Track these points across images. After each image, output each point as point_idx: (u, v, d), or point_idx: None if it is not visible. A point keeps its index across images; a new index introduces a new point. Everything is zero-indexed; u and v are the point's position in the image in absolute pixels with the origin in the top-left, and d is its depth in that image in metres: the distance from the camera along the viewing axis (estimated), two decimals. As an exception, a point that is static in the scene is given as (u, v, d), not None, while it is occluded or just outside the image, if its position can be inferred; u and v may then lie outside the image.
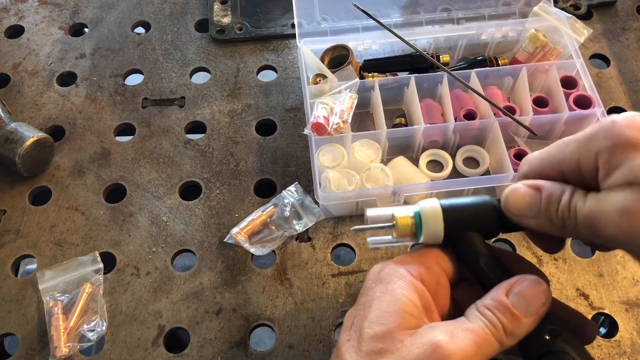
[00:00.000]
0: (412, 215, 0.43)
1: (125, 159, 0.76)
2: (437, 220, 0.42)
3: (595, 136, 0.37)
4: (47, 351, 0.61)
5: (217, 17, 0.88)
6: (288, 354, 0.61)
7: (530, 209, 0.40)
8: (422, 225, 0.42)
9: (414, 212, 0.43)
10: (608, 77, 0.81)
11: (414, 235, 0.43)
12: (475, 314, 0.39)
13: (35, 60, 0.86)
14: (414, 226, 0.42)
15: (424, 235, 0.42)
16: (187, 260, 0.69)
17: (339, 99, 0.69)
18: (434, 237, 0.42)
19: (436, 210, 0.42)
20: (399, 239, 0.43)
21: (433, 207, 0.42)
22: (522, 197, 0.40)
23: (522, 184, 0.41)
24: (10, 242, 0.69)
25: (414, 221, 0.42)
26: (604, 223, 0.35)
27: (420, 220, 0.42)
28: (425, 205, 0.42)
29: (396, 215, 0.43)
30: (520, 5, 0.79)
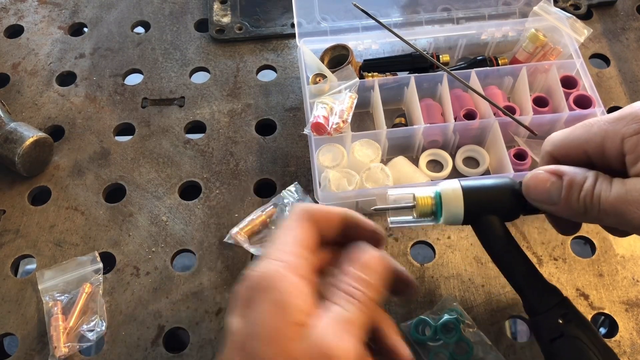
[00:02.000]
0: (432, 196, 0.43)
1: (125, 158, 0.76)
2: (457, 201, 0.42)
3: (623, 119, 0.37)
4: (47, 351, 0.61)
5: (217, 16, 0.88)
6: (288, 354, 0.61)
7: (550, 195, 0.39)
8: (442, 205, 0.42)
9: (435, 192, 0.43)
10: (608, 77, 0.81)
11: (434, 216, 0.43)
12: (333, 291, 0.39)
13: (35, 60, 0.86)
14: (434, 206, 0.43)
15: (443, 216, 0.43)
16: (186, 260, 0.69)
17: (339, 99, 0.69)
18: (454, 218, 0.42)
19: (457, 191, 0.42)
20: (419, 218, 0.44)
21: (454, 188, 0.42)
22: (543, 183, 0.39)
23: (543, 169, 0.40)
24: (9, 242, 0.69)
25: (434, 201, 0.43)
26: (633, 210, 0.35)
27: (440, 200, 0.42)
28: (446, 186, 0.43)
29: (417, 195, 0.43)
30: (520, 5, 0.79)
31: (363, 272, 0.40)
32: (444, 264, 0.66)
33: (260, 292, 0.37)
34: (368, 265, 0.40)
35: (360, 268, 0.40)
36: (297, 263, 0.39)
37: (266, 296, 0.37)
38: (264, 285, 0.37)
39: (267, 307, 0.36)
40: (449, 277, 0.65)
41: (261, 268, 0.38)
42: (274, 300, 0.36)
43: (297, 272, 0.38)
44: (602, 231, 0.68)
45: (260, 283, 0.37)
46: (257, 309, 0.36)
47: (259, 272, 0.38)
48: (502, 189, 0.43)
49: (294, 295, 0.37)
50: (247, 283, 0.38)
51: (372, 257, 0.41)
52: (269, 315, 0.36)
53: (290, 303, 0.36)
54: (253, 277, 0.38)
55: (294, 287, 0.37)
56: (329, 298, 0.39)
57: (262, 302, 0.36)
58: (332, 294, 0.39)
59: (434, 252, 0.67)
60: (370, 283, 0.39)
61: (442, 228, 0.68)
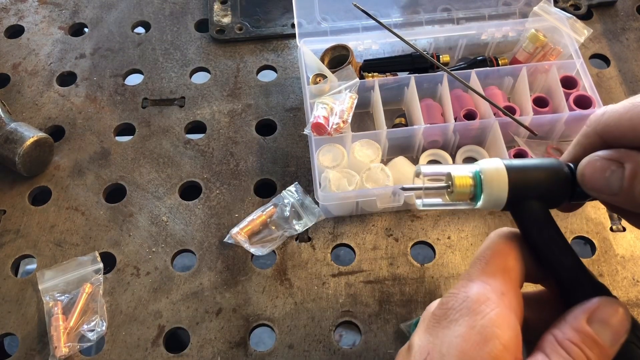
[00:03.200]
0: (471, 176, 0.37)
1: (125, 159, 0.76)
2: (500, 183, 0.36)
3: None
4: (47, 351, 0.61)
5: (217, 17, 0.88)
6: (288, 354, 0.61)
7: (609, 186, 0.34)
8: (482, 187, 0.37)
9: (474, 172, 0.37)
10: (608, 77, 0.81)
11: (471, 199, 0.37)
12: (558, 351, 0.32)
13: (35, 60, 0.86)
14: (473, 188, 0.37)
15: (483, 199, 0.37)
16: (187, 260, 0.69)
17: (339, 99, 0.69)
18: (495, 202, 0.37)
19: (500, 171, 0.36)
20: (453, 202, 0.38)
21: (497, 167, 0.36)
22: (601, 171, 0.34)
23: (601, 155, 0.34)
24: (10, 242, 0.69)
25: (473, 182, 0.37)
26: None
27: (480, 182, 0.37)
28: (487, 165, 0.37)
29: (453, 175, 0.37)
30: (520, 5, 0.79)
31: (600, 333, 0.32)
32: (444, 264, 0.66)
33: (460, 313, 0.31)
34: (609, 324, 0.32)
35: (600, 328, 0.32)
36: (508, 294, 0.32)
37: (467, 320, 0.31)
38: (466, 306, 0.31)
39: (465, 331, 0.30)
40: (449, 278, 0.65)
41: (466, 288, 0.32)
42: (476, 327, 0.30)
43: (508, 304, 0.32)
44: (602, 231, 0.68)
45: (462, 304, 0.32)
46: (452, 330, 0.31)
47: (464, 293, 0.32)
48: (552, 171, 0.37)
49: (501, 327, 0.30)
50: (446, 300, 0.33)
51: (616, 314, 0.32)
52: (464, 341, 0.30)
53: (495, 334, 0.30)
54: (454, 296, 0.32)
55: (502, 318, 0.31)
56: (542, 349, 0.32)
57: (460, 324, 0.31)
58: (549, 347, 0.32)
59: (434, 252, 0.67)
60: (605, 350, 0.32)
61: (442, 228, 0.68)
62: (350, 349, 0.61)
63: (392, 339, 0.61)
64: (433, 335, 0.32)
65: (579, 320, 0.32)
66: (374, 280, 0.65)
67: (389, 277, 0.65)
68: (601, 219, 0.68)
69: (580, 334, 0.32)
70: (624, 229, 0.68)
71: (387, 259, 0.67)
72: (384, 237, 0.68)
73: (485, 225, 0.68)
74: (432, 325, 0.32)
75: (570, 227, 0.68)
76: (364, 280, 0.65)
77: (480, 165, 0.37)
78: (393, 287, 0.65)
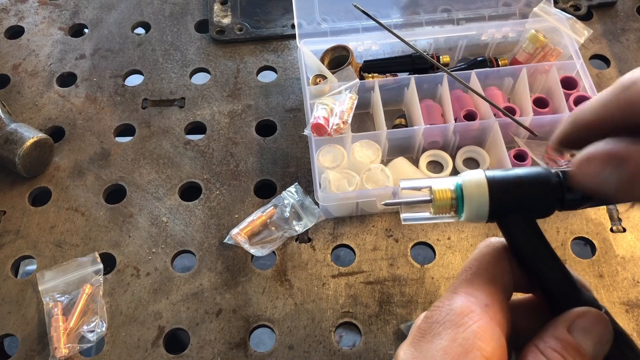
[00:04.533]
0: (452, 189, 0.37)
1: (125, 159, 0.76)
2: (481, 196, 0.36)
3: None
4: (47, 352, 0.61)
5: (217, 17, 0.88)
6: (288, 355, 0.61)
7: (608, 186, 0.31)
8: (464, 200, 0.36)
9: (455, 184, 0.37)
10: (608, 78, 0.81)
11: (454, 212, 0.37)
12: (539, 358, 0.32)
13: (35, 60, 0.86)
14: (454, 201, 0.37)
15: (465, 213, 0.36)
16: (187, 261, 0.69)
17: (339, 100, 0.69)
18: (477, 215, 0.36)
19: (481, 184, 0.36)
20: (436, 215, 0.37)
21: (478, 179, 0.36)
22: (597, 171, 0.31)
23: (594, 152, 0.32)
24: (10, 243, 0.69)
25: (454, 195, 0.37)
26: None
27: (462, 194, 0.36)
28: (468, 177, 0.36)
29: (434, 188, 0.37)
30: (520, 6, 0.79)
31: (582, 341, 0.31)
32: (444, 264, 0.66)
33: (443, 327, 0.31)
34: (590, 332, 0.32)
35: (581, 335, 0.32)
36: (493, 305, 0.32)
37: (449, 332, 0.31)
38: (449, 320, 0.31)
39: (447, 345, 0.30)
40: (450, 278, 0.65)
41: (450, 301, 0.32)
42: (457, 339, 0.30)
43: (493, 315, 0.32)
44: (602, 232, 0.68)
45: (445, 317, 0.32)
46: (435, 343, 0.31)
47: (448, 306, 0.32)
48: (538, 180, 0.36)
49: (484, 339, 0.30)
50: (430, 314, 0.32)
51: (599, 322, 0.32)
52: (446, 354, 0.30)
53: (477, 346, 0.30)
54: (439, 309, 0.32)
55: (484, 330, 0.31)
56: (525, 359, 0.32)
57: (443, 338, 0.31)
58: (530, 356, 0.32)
59: (434, 253, 0.67)
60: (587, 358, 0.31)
61: (442, 229, 0.68)
62: (350, 350, 0.61)
63: (392, 339, 0.61)
64: (417, 350, 0.32)
65: (559, 328, 0.32)
66: (374, 281, 0.65)
67: (389, 277, 0.65)
68: (601, 220, 0.68)
69: (562, 342, 0.32)
70: (624, 229, 0.68)
71: (387, 259, 0.67)
72: (384, 238, 0.68)
73: (485, 226, 0.68)
74: (416, 339, 0.32)
75: (570, 228, 0.68)
76: (364, 281, 0.65)
77: (462, 178, 0.36)
78: (393, 288, 0.65)
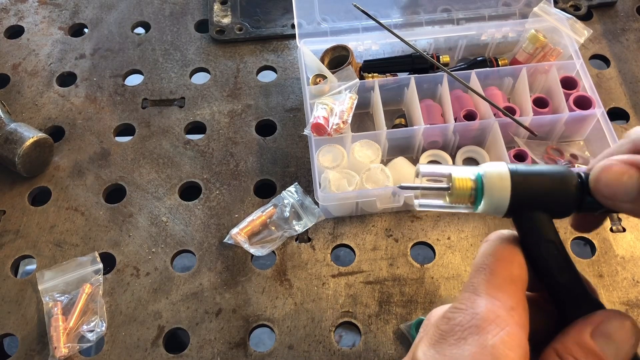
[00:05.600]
0: (473, 179, 0.36)
1: (125, 159, 0.76)
2: (503, 189, 0.35)
3: None
4: (47, 352, 0.61)
5: (217, 17, 0.88)
6: (288, 355, 0.61)
7: (626, 192, 0.32)
8: (483, 191, 0.35)
9: (476, 174, 0.36)
10: (608, 78, 0.81)
11: (471, 203, 0.36)
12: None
13: (35, 60, 0.86)
14: (473, 191, 0.36)
15: (483, 205, 0.36)
16: (186, 260, 0.69)
17: (339, 100, 0.69)
18: (496, 209, 0.35)
19: (503, 176, 0.35)
20: (453, 204, 0.36)
21: (500, 171, 0.35)
22: (618, 177, 0.32)
23: (618, 159, 0.32)
24: (9, 243, 0.69)
25: (474, 185, 0.36)
26: None
27: (482, 185, 0.35)
28: (490, 169, 0.35)
29: (454, 176, 0.36)
30: (520, 6, 0.79)
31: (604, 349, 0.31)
32: (444, 264, 0.66)
33: (469, 331, 0.30)
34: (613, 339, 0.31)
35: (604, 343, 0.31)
36: (517, 308, 0.32)
37: (477, 339, 0.30)
38: (475, 324, 0.30)
39: (475, 351, 0.29)
40: (449, 278, 0.65)
41: (473, 304, 0.31)
42: (486, 347, 0.29)
43: (518, 319, 0.31)
44: (602, 232, 0.68)
45: (471, 321, 0.31)
46: (461, 348, 0.30)
47: (472, 309, 0.31)
48: (561, 178, 0.35)
49: (512, 348, 0.30)
50: (452, 316, 0.32)
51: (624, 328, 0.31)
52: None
53: (505, 356, 0.29)
54: (462, 312, 0.31)
55: (512, 338, 0.30)
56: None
57: (470, 344, 0.30)
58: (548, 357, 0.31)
59: (434, 252, 0.67)
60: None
61: (442, 228, 0.68)
62: (350, 350, 0.61)
63: (392, 339, 0.61)
64: (440, 353, 0.31)
65: (582, 334, 0.31)
66: (374, 281, 0.65)
67: (389, 277, 0.65)
68: (601, 220, 0.68)
69: (583, 349, 0.31)
70: (624, 229, 0.68)
71: (387, 259, 0.67)
72: (383, 238, 0.68)
73: (485, 226, 0.68)
74: (437, 340, 0.31)
75: (570, 228, 0.68)
76: (363, 281, 0.65)
77: (483, 169, 0.36)
78: (393, 288, 0.65)
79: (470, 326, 0.31)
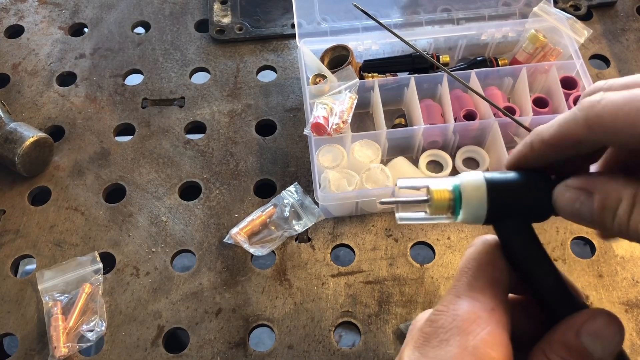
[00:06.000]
0: (450, 189, 0.36)
1: (125, 159, 0.76)
2: (479, 198, 0.36)
3: None
4: (47, 351, 0.61)
5: (217, 17, 0.88)
6: (287, 355, 0.61)
7: (581, 217, 0.33)
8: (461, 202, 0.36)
9: (453, 185, 0.36)
10: (608, 78, 0.80)
11: (451, 213, 0.37)
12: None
13: (35, 60, 0.86)
14: (452, 202, 0.36)
15: (462, 215, 0.36)
16: (186, 260, 0.69)
17: (339, 99, 0.69)
18: (474, 218, 0.36)
19: (480, 186, 0.36)
20: (433, 215, 0.37)
21: (476, 180, 0.36)
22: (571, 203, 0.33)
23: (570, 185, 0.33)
24: (9, 242, 0.69)
25: (452, 196, 0.36)
26: None
27: (460, 195, 0.36)
28: (467, 179, 0.36)
29: (432, 188, 0.36)
30: (520, 6, 0.79)
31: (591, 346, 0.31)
32: (444, 264, 0.66)
33: (450, 333, 0.31)
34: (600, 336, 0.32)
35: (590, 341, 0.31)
36: (498, 309, 0.32)
37: (458, 340, 0.30)
38: (456, 326, 0.31)
39: (457, 352, 0.30)
40: (449, 278, 0.65)
41: (455, 306, 0.32)
42: (468, 347, 0.30)
43: (499, 319, 0.31)
44: (601, 232, 0.68)
45: (452, 322, 0.31)
46: (443, 350, 0.31)
47: (453, 311, 0.32)
48: (533, 185, 0.36)
49: (494, 347, 0.30)
50: (435, 318, 0.32)
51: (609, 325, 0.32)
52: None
53: (487, 355, 0.30)
54: (444, 314, 0.32)
55: (493, 337, 0.30)
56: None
57: (452, 345, 0.31)
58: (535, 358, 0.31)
59: (433, 252, 0.67)
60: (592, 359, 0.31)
61: (442, 229, 0.68)
62: (350, 350, 0.61)
63: (392, 339, 0.61)
64: (424, 355, 0.31)
65: (567, 333, 0.32)
66: (374, 281, 0.65)
67: (389, 277, 0.65)
68: (601, 220, 0.68)
69: (569, 348, 0.31)
70: (624, 229, 0.68)
71: (387, 259, 0.67)
72: (383, 238, 0.68)
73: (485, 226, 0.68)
74: (421, 343, 0.32)
75: (570, 228, 0.68)
76: (363, 281, 0.65)
77: (460, 179, 0.36)
78: (393, 288, 0.65)
79: (452, 327, 0.31)
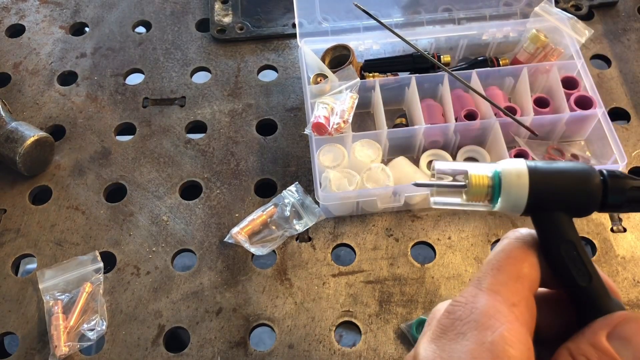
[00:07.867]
0: (490, 176, 0.35)
1: (126, 158, 0.76)
2: (520, 188, 0.34)
3: None
4: (47, 350, 0.61)
5: (218, 16, 0.88)
6: (288, 354, 0.61)
7: None
8: (500, 189, 0.34)
9: (493, 172, 0.35)
10: (609, 78, 0.81)
11: (488, 201, 0.35)
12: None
13: (36, 59, 0.86)
14: (490, 189, 0.35)
15: (500, 203, 0.35)
16: (187, 259, 0.69)
17: (340, 99, 0.69)
18: (513, 207, 0.35)
19: (521, 175, 0.34)
20: (469, 202, 0.36)
21: (518, 169, 0.34)
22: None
23: None
24: (10, 242, 0.69)
25: (491, 183, 0.35)
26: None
27: (499, 183, 0.35)
28: (508, 166, 0.34)
29: (470, 173, 0.35)
30: (521, 6, 0.79)
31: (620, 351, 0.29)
32: (444, 264, 0.66)
33: (468, 326, 0.30)
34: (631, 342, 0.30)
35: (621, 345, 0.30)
36: (520, 304, 0.31)
37: (475, 334, 0.29)
38: (474, 319, 0.30)
39: (473, 347, 0.29)
40: (450, 278, 0.65)
41: (474, 298, 0.31)
42: (485, 343, 0.29)
43: (519, 315, 0.30)
44: (602, 232, 0.68)
45: (470, 315, 0.30)
46: (459, 344, 0.29)
47: (472, 303, 0.30)
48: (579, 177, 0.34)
49: (512, 344, 0.29)
50: (452, 309, 0.31)
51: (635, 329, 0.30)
52: (473, 358, 0.28)
53: (505, 352, 0.28)
54: (462, 306, 0.31)
55: (512, 334, 0.29)
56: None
57: (468, 339, 0.29)
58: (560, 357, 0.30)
59: (434, 252, 0.67)
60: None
61: (442, 228, 0.68)
62: (350, 349, 0.61)
63: (392, 339, 0.61)
64: (439, 348, 0.30)
65: (597, 335, 0.30)
66: (374, 280, 0.65)
67: (389, 277, 0.65)
68: (602, 220, 0.68)
69: (598, 351, 0.30)
70: (625, 229, 0.68)
71: (388, 259, 0.67)
72: (384, 237, 0.68)
73: (486, 226, 0.68)
74: (437, 335, 0.31)
75: (571, 228, 0.68)
76: (364, 280, 0.65)
77: (501, 165, 0.35)
78: (393, 287, 0.65)
79: (470, 320, 0.30)
